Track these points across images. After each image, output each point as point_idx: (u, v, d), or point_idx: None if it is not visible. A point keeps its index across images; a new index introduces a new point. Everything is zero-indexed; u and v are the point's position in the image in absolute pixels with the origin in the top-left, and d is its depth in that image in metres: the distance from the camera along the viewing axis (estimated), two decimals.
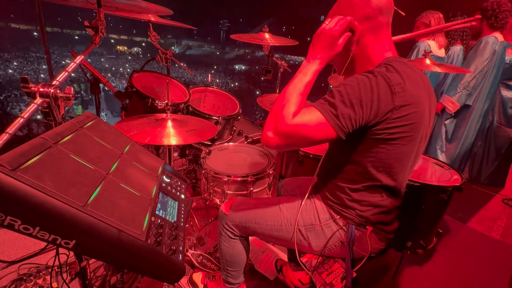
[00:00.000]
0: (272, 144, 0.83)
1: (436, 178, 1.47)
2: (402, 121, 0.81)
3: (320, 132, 0.81)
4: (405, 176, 0.95)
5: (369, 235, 0.98)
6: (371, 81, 0.79)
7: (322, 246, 1.03)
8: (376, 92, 0.78)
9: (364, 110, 0.79)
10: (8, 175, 0.50)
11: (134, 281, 1.44)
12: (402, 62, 0.87)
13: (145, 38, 55.15)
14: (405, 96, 0.80)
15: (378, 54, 0.90)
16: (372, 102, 0.78)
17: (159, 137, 1.32)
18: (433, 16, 2.53)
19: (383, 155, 0.86)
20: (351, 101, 0.78)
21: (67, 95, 0.79)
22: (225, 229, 1.19)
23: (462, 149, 2.73)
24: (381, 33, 0.89)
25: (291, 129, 0.81)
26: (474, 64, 2.41)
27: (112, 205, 0.64)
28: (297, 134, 0.81)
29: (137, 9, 1.44)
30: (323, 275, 1.03)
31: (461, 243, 2.10)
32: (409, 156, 0.89)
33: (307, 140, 0.82)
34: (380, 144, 0.84)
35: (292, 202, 1.12)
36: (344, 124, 0.79)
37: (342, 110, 0.79)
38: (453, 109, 2.58)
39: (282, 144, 0.82)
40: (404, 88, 0.80)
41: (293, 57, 62.51)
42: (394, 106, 0.79)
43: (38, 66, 40.13)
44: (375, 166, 0.88)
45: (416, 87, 0.84)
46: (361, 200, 0.95)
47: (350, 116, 0.79)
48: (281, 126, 0.81)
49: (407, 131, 0.83)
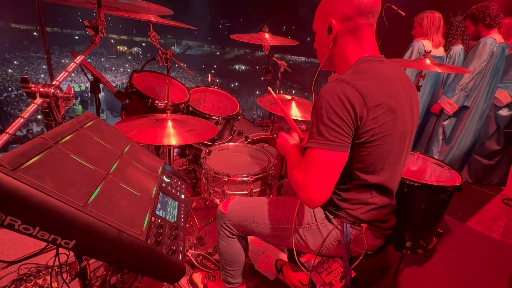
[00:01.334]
0: (319, 203, 0.85)
1: (436, 178, 1.47)
2: (378, 121, 0.82)
3: (332, 163, 0.83)
4: (394, 172, 0.96)
5: (364, 233, 0.98)
6: (337, 92, 0.80)
7: (319, 245, 1.04)
8: (346, 99, 0.79)
9: (346, 119, 0.80)
10: (8, 175, 0.50)
11: (134, 281, 1.44)
12: (372, 61, 0.88)
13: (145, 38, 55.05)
14: (375, 96, 0.81)
15: (354, 55, 0.91)
16: (348, 110, 0.79)
17: (159, 137, 1.32)
18: (426, 16, 2.54)
19: (365, 157, 0.88)
20: (330, 118, 0.80)
21: (67, 95, 0.79)
22: (223, 228, 1.19)
23: (460, 149, 2.74)
24: (361, 35, 0.89)
25: (313, 190, 0.83)
26: (472, 65, 2.42)
27: (112, 205, 0.64)
28: (322, 185, 0.83)
29: (137, 9, 1.44)
30: (323, 275, 1.03)
31: (461, 243, 2.10)
32: (390, 153, 0.90)
33: (333, 177, 0.84)
34: (361, 147, 0.86)
35: (289, 201, 1.13)
36: (340, 141, 0.81)
37: (329, 132, 0.81)
38: (451, 110, 2.59)
39: (323, 199, 0.84)
40: (371, 89, 0.81)
41: (293, 57, 62.45)
42: (368, 107, 0.80)
43: (38, 66, 40.13)
44: (358, 168, 0.90)
45: (387, 84, 0.85)
46: (350, 199, 0.96)
47: (338, 131, 0.81)
48: (308, 200, 0.84)
49: (383, 130, 0.84)
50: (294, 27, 62.74)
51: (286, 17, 60.77)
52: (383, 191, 0.96)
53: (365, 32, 0.89)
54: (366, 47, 0.91)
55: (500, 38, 2.40)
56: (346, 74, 0.86)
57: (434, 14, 2.52)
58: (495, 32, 2.39)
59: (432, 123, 2.86)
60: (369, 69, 0.86)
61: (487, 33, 2.40)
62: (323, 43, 0.96)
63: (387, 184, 0.95)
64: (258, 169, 1.60)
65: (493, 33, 2.39)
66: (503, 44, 2.40)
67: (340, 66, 0.96)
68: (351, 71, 0.86)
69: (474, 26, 2.45)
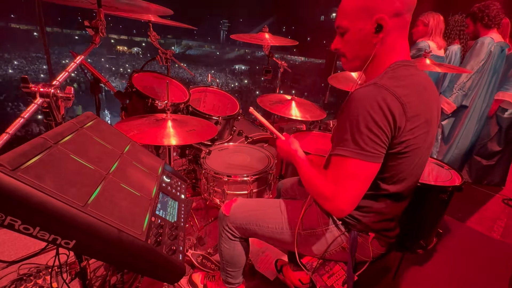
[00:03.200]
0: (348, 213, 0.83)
1: (436, 178, 1.47)
2: (414, 132, 0.79)
3: (366, 174, 0.79)
4: (413, 181, 0.93)
5: (371, 242, 0.96)
6: (377, 98, 0.74)
7: (323, 250, 1.03)
8: (387, 107, 0.74)
9: (385, 128, 0.75)
10: (8, 175, 0.50)
11: (134, 281, 1.44)
12: (409, 66, 0.84)
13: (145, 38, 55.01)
14: (414, 106, 0.77)
15: (391, 57, 0.84)
16: (387, 118, 0.74)
17: (159, 137, 1.32)
18: (433, 17, 2.54)
19: (393, 168, 0.84)
20: (368, 127, 0.74)
21: (67, 95, 0.79)
22: (225, 230, 1.18)
23: (459, 149, 2.73)
24: (406, 33, 0.84)
25: (344, 201, 0.79)
26: (470, 65, 2.42)
27: (112, 205, 0.64)
28: (354, 196, 0.79)
29: (137, 9, 1.44)
30: (324, 277, 1.03)
31: (461, 243, 2.10)
32: (416, 164, 0.87)
33: (364, 187, 0.80)
34: (392, 157, 0.81)
35: (294, 205, 1.11)
36: (376, 152, 0.77)
37: (365, 141, 0.75)
38: (449, 110, 2.59)
39: (352, 208, 0.81)
40: (411, 98, 0.77)
41: (293, 57, 62.44)
42: (407, 117, 0.76)
43: (38, 66, 40.11)
44: (382, 178, 0.86)
45: (423, 94, 0.81)
46: (364, 206, 0.92)
47: (375, 141, 0.75)
48: (338, 210, 0.81)
49: (417, 142, 0.81)
50: (294, 27, 62.73)
51: (286, 17, 60.81)
52: (400, 199, 0.93)
53: (407, 31, 0.84)
54: (402, 49, 0.85)
55: (499, 37, 2.40)
56: (384, 79, 0.79)
57: (440, 17, 2.53)
58: (494, 32, 2.39)
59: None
60: (407, 76, 0.80)
61: (486, 33, 2.40)
62: (365, 42, 0.84)
63: (405, 193, 0.92)
64: (258, 169, 1.60)
65: (491, 33, 2.38)
66: (501, 44, 2.40)
67: (374, 68, 0.87)
68: (389, 76, 0.79)
69: (473, 25, 2.45)
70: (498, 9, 2.32)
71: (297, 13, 62.06)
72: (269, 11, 63.63)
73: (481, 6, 2.36)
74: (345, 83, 2.11)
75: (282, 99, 2.12)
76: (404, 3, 0.78)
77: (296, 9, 61.77)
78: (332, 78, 2.18)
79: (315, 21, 57.83)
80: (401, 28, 0.82)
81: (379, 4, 0.78)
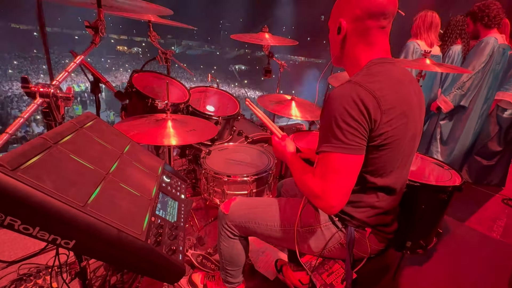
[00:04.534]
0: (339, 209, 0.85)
1: (436, 178, 1.47)
2: (391, 124, 0.81)
3: (351, 167, 0.82)
4: (401, 174, 0.95)
5: (368, 237, 0.97)
6: (351, 94, 0.79)
7: (321, 247, 1.04)
8: (361, 102, 0.78)
9: (361, 122, 0.79)
10: (8, 175, 0.50)
11: (134, 281, 1.44)
12: (385, 63, 0.87)
13: (145, 38, 55.00)
14: (389, 99, 0.80)
15: (365, 57, 0.89)
16: (362, 112, 0.78)
17: (159, 137, 1.32)
18: (419, 16, 2.55)
19: (376, 160, 0.86)
20: (345, 121, 0.78)
21: (67, 95, 0.79)
22: (225, 229, 1.19)
23: (459, 150, 2.73)
24: (371, 37, 0.88)
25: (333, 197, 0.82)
26: (472, 65, 2.41)
27: (112, 205, 0.64)
28: (342, 190, 0.82)
29: (137, 9, 1.44)
30: (323, 276, 1.03)
31: (461, 243, 2.10)
32: (400, 156, 0.89)
33: (352, 181, 0.83)
34: (373, 150, 0.84)
35: (292, 203, 1.12)
36: (357, 144, 0.80)
37: (345, 135, 0.79)
38: (446, 108, 2.58)
39: (343, 204, 0.84)
40: (384, 92, 0.80)
41: (293, 57, 62.41)
42: (381, 110, 0.79)
43: (38, 66, 40.12)
44: (368, 171, 0.89)
45: (400, 87, 0.85)
46: (356, 201, 0.94)
47: (355, 134, 0.79)
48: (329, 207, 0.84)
49: (396, 133, 0.83)
50: (294, 27, 62.72)
51: (286, 17, 60.78)
52: (390, 193, 0.95)
53: (375, 35, 0.87)
54: (378, 49, 0.89)
55: (502, 39, 2.39)
56: (358, 76, 0.84)
57: (427, 13, 2.52)
58: (495, 32, 2.38)
59: (433, 124, 2.85)
60: (382, 71, 0.84)
61: (486, 33, 2.39)
62: (333, 41, 0.97)
63: (394, 185, 0.94)
64: (258, 169, 1.60)
65: (493, 33, 2.37)
66: (503, 46, 2.39)
67: (350, 66, 0.95)
68: (363, 73, 0.85)
69: (473, 25, 2.44)
70: (498, 9, 2.31)
71: (297, 13, 62.10)
72: (269, 11, 63.71)
73: (481, 6, 2.35)
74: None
75: (282, 99, 2.12)
76: (364, 10, 0.85)
77: (296, 9, 61.82)
78: (332, 78, 2.18)
79: (315, 21, 57.95)
80: (362, 31, 0.88)
81: (343, 10, 0.90)
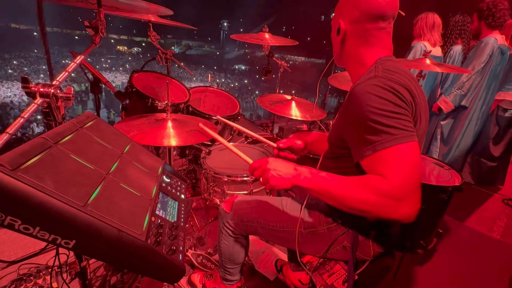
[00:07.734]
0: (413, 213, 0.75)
1: (436, 178, 1.47)
2: (416, 120, 0.80)
3: (416, 156, 0.73)
4: None
5: (372, 240, 0.97)
6: (383, 87, 0.75)
7: (324, 249, 1.03)
8: (397, 92, 0.74)
9: (405, 107, 0.75)
10: (8, 175, 0.50)
11: (134, 281, 1.44)
12: (394, 60, 0.87)
13: (145, 38, 54.96)
14: (415, 94, 0.80)
15: (371, 56, 0.89)
16: (402, 100, 0.75)
17: (159, 137, 1.32)
18: (421, 18, 2.56)
19: None
20: (391, 110, 0.72)
21: (67, 95, 0.79)
22: (226, 227, 1.18)
23: (459, 151, 2.73)
24: (370, 38, 0.88)
25: (417, 195, 0.73)
26: (472, 65, 2.41)
27: (112, 205, 0.64)
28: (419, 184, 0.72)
29: (137, 9, 1.44)
30: (324, 276, 1.03)
31: (461, 243, 2.10)
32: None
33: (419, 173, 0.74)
34: None
35: (295, 202, 1.11)
36: (411, 129, 0.74)
37: (399, 122, 0.72)
38: (446, 109, 2.59)
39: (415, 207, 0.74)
40: (411, 87, 0.79)
41: (293, 57, 62.41)
42: (416, 103, 0.78)
43: (38, 66, 40.13)
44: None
45: (416, 83, 0.85)
46: None
47: (406, 119, 0.74)
48: (416, 210, 0.74)
49: (416, 130, 0.80)
50: (294, 27, 62.71)
51: (286, 17, 60.82)
52: None
53: (375, 35, 0.87)
54: (382, 48, 0.89)
55: (502, 39, 2.39)
56: (379, 72, 0.80)
57: (428, 15, 2.53)
58: (496, 33, 2.38)
59: (433, 124, 2.86)
60: (398, 68, 0.82)
61: (487, 33, 2.39)
62: (333, 41, 0.98)
63: None
64: None
65: (494, 34, 2.37)
66: (502, 46, 2.39)
67: (353, 65, 0.95)
68: (381, 69, 0.81)
69: (478, 22, 2.42)
70: (504, 10, 2.29)
71: (297, 13, 62.14)
72: (269, 11, 63.76)
73: (490, 4, 2.31)
74: (345, 83, 2.12)
75: (282, 99, 2.12)
76: (362, 12, 0.85)
77: (296, 9, 61.86)
78: (332, 78, 2.18)
79: (315, 21, 57.89)
80: (361, 33, 0.88)
81: (342, 11, 0.92)
